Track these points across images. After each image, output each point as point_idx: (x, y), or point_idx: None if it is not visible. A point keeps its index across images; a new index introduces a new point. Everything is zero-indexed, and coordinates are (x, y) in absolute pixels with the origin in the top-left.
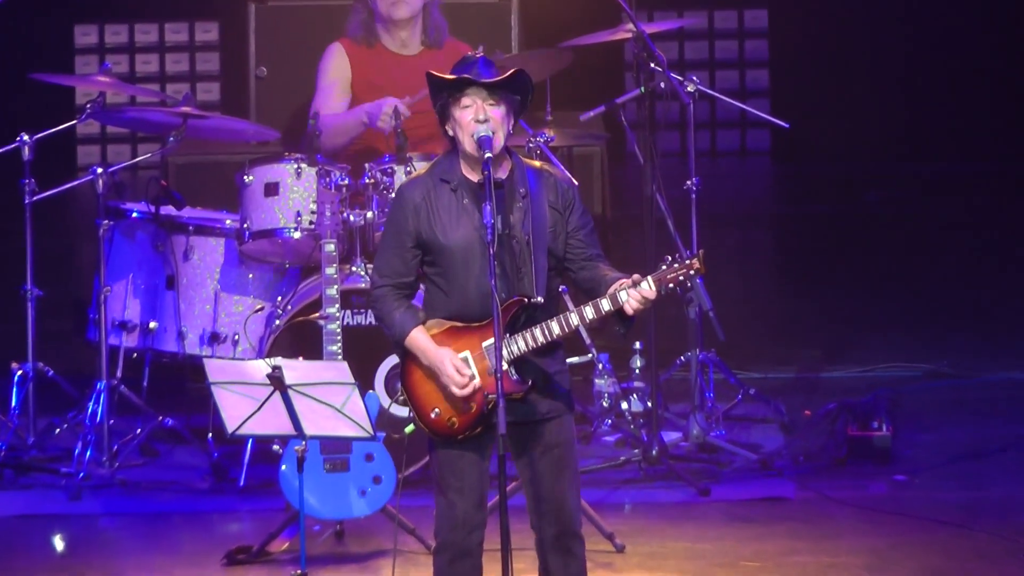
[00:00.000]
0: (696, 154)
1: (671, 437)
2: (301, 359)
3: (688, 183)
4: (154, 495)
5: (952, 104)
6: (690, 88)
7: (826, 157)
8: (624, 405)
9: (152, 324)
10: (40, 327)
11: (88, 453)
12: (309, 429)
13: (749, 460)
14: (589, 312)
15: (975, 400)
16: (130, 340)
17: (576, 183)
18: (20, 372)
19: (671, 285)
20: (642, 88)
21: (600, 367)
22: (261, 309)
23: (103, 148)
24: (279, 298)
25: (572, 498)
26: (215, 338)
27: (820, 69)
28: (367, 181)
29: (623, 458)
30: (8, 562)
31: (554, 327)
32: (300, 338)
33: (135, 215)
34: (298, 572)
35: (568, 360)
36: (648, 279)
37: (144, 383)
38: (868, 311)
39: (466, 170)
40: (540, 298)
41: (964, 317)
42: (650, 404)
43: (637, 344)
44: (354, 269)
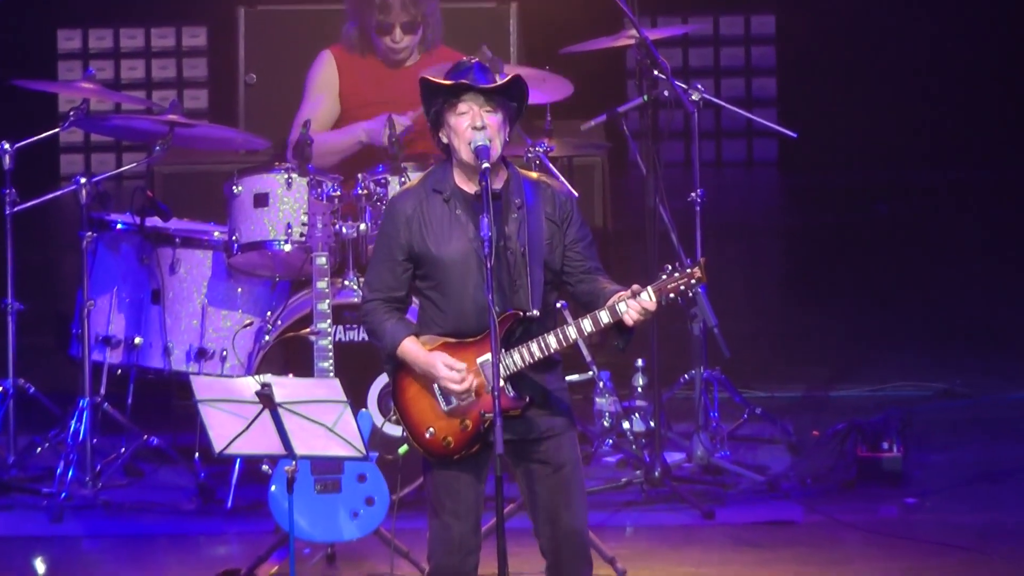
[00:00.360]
0: (700, 164)
1: (674, 458)
2: (291, 376)
3: (692, 194)
4: (139, 517)
5: (966, 111)
6: (694, 96)
7: (835, 167)
8: (626, 425)
9: (137, 339)
10: (21, 342)
11: (70, 473)
12: (299, 449)
13: (755, 482)
14: (587, 325)
15: (989, 420)
16: (114, 356)
17: (576, 195)
18: (0, 389)
19: (672, 295)
20: (645, 96)
21: (601, 385)
22: (250, 324)
23: (87, 157)
24: (268, 313)
25: (578, 519)
26: (202, 354)
27: (829, 76)
28: (360, 192)
29: (624, 479)
30: None
31: (551, 341)
32: (290, 354)
33: (120, 227)
34: None
35: (567, 378)
36: (648, 289)
37: (128, 400)
38: (879, 327)
39: (460, 180)
40: (536, 311)
41: (978, 334)
42: (653, 424)
43: (639, 361)
44: (346, 283)
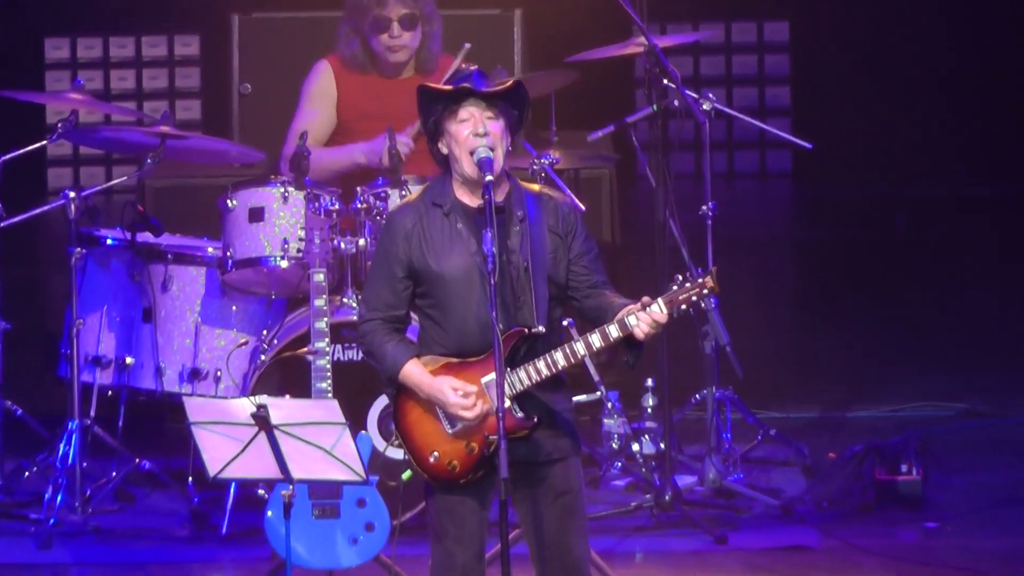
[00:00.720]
0: (712, 176)
1: (685, 481)
2: (288, 397)
3: (703, 208)
4: (130, 543)
5: (988, 121)
6: (706, 106)
7: (851, 179)
8: (635, 447)
9: (128, 360)
10: (7, 363)
11: (59, 498)
12: (297, 472)
13: (769, 506)
14: (596, 340)
15: (1012, 441)
16: (104, 377)
17: (583, 208)
18: None
19: (684, 306)
20: (654, 106)
21: (609, 406)
22: (245, 343)
23: (75, 170)
24: (264, 331)
25: (580, 548)
26: (195, 374)
27: (845, 85)
28: (359, 206)
29: (634, 504)
30: None
31: (559, 358)
32: (287, 375)
33: (110, 242)
34: None
35: (575, 398)
36: (659, 301)
37: (119, 423)
38: (897, 345)
39: (460, 193)
40: (541, 328)
41: (1000, 352)
42: (663, 446)
43: (649, 381)
44: (345, 300)
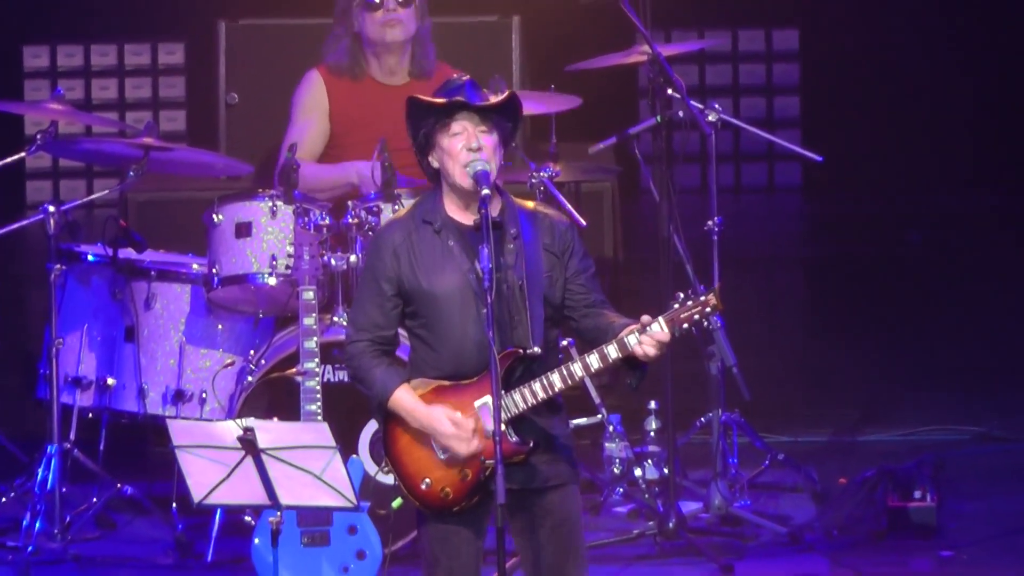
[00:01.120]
0: (718, 190)
1: (690, 508)
2: (276, 420)
3: (709, 223)
4: (111, 572)
5: (1004, 133)
6: (712, 117)
7: (864, 193)
8: (638, 472)
9: (109, 380)
10: None
11: (38, 525)
12: (285, 498)
13: (777, 533)
14: (595, 362)
15: None
16: (85, 398)
17: (584, 223)
18: None
19: (686, 325)
20: (658, 117)
21: (611, 429)
22: (231, 364)
23: (55, 184)
24: (251, 352)
25: None
26: (180, 396)
27: (857, 95)
28: (350, 221)
29: (636, 531)
30: None
31: (555, 380)
32: (275, 396)
33: (91, 259)
34: None
35: (575, 422)
36: (660, 320)
37: (100, 446)
38: (911, 366)
39: (451, 209)
40: (537, 348)
41: (1017, 373)
42: (667, 471)
43: (652, 404)
44: (335, 319)
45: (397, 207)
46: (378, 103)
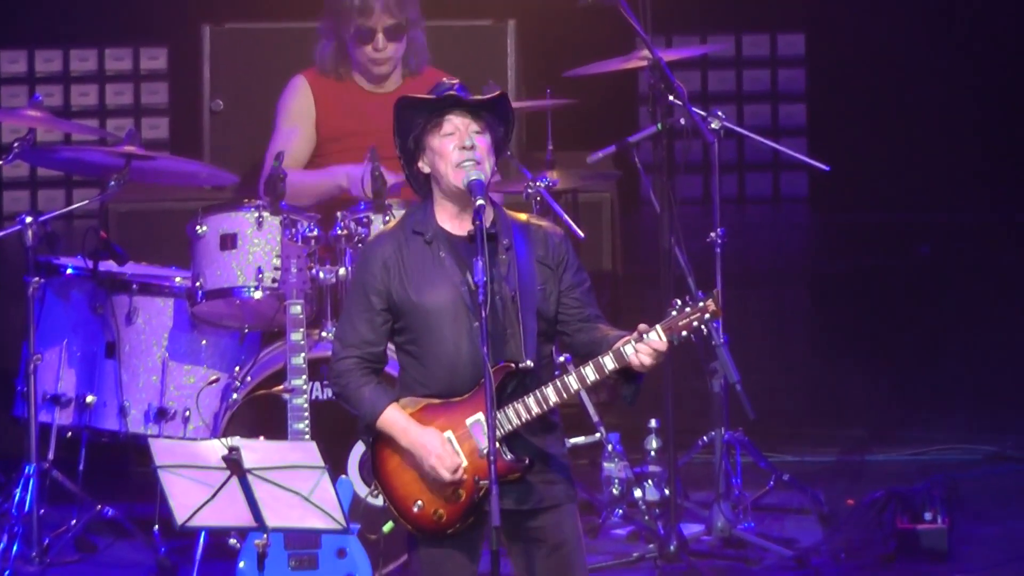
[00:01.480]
0: (721, 201)
1: (692, 530)
2: (262, 439)
3: (712, 234)
4: None
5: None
6: (714, 124)
7: (873, 204)
8: (637, 493)
9: (89, 398)
10: None
11: (15, 548)
12: (271, 520)
13: (782, 557)
14: (590, 373)
15: None
16: (64, 416)
17: (582, 235)
18: None
19: (684, 332)
20: (659, 125)
21: (609, 449)
22: (216, 381)
23: (33, 193)
24: (237, 368)
25: None
26: (162, 414)
27: (866, 103)
28: (339, 232)
29: (636, 554)
30: None
31: (550, 394)
32: (261, 414)
33: (70, 272)
34: None
35: (572, 440)
36: (657, 328)
37: (80, 466)
38: (921, 383)
39: (442, 219)
40: (530, 362)
41: None
42: (667, 491)
43: (652, 422)
44: (324, 334)
45: (388, 218)
46: (366, 110)
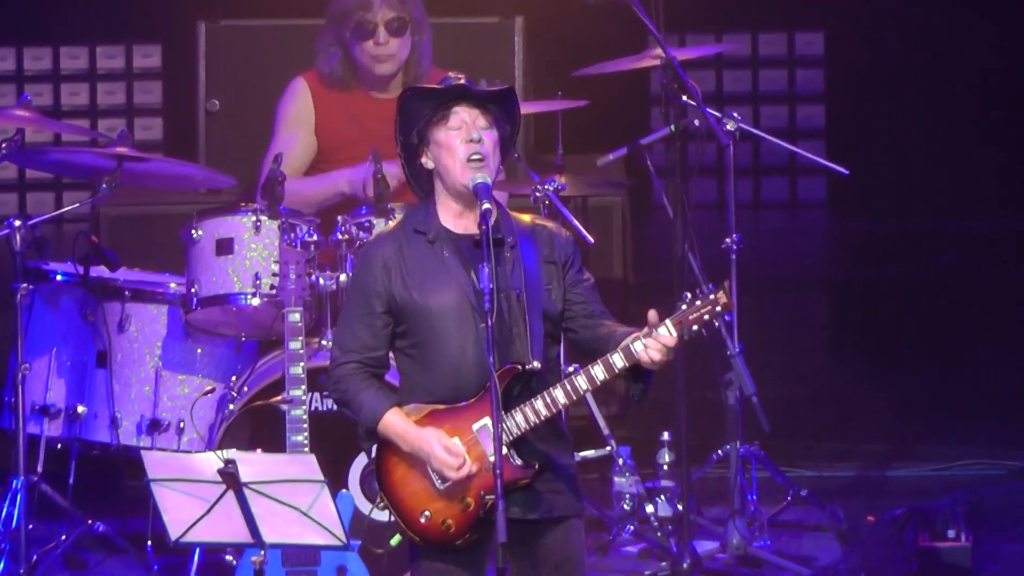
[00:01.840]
0: (736, 206)
1: (706, 548)
2: (259, 451)
3: (727, 241)
4: None
5: None
6: (730, 126)
7: (893, 210)
8: (649, 508)
9: (79, 409)
10: None
11: (2, 565)
12: (269, 536)
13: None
14: (599, 372)
15: None
16: (53, 428)
17: (591, 240)
18: None
19: (695, 327)
20: (672, 126)
21: (620, 463)
22: (211, 391)
23: (21, 196)
24: (233, 378)
25: None
26: (155, 426)
27: (886, 104)
28: (340, 237)
29: (648, 573)
30: None
31: (559, 396)
32: (258, 426)
33: (60, 278)
34: None
35: (582, 454)
36: (667, 323)
37: (70, 480)
38: (943, 396)
39: (445, 218)
40: (536, 364)
41: None
42: (680, 507)
43: (665, 436)
44: (323, 343)
45: (391, 222)
46: (368, 117)
